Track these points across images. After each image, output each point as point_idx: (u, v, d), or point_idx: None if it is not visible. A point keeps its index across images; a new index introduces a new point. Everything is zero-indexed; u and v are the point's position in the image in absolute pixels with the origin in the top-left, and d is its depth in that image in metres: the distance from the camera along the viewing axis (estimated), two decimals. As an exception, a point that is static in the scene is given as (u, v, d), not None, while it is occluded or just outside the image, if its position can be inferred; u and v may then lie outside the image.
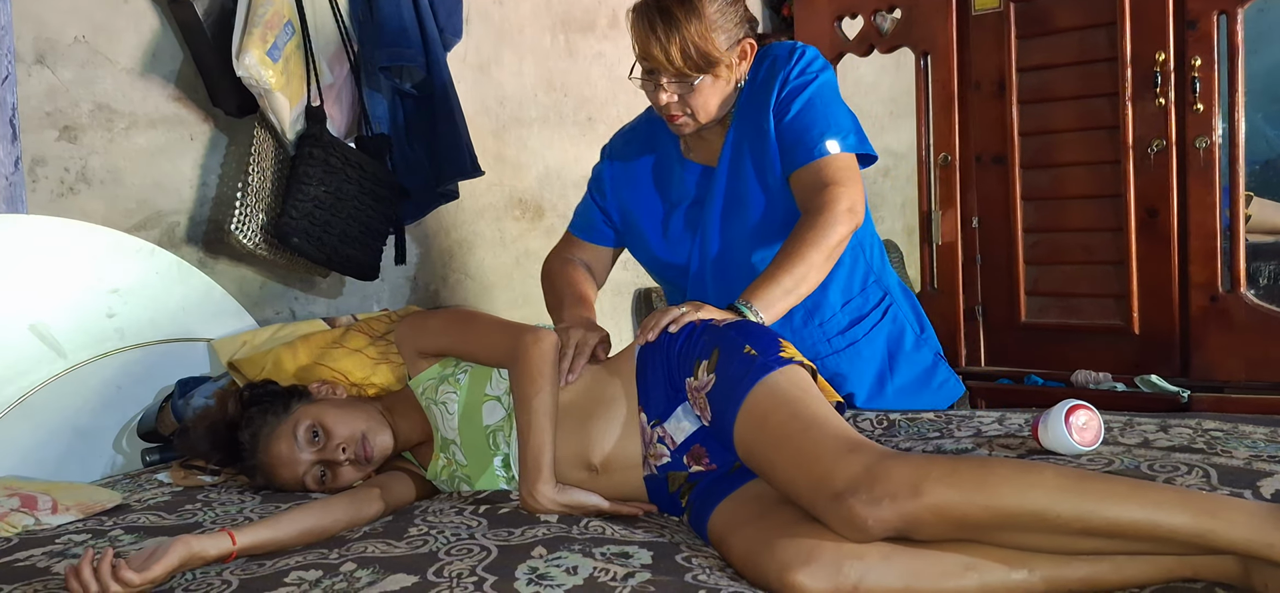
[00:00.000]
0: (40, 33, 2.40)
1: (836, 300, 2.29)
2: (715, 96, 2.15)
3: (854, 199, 2.07)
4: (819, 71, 2.19)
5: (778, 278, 1.98)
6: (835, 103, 2.18)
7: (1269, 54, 3.77)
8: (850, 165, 2.13)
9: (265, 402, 1.93)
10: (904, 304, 2.40)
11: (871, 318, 2.32)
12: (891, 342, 2.33)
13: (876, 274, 2.35)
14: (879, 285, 2.35)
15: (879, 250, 2.40)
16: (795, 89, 2.16)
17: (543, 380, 1.79)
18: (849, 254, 2.25)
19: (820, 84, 2.17)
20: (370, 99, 2.85)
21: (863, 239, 2.29)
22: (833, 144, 2.11)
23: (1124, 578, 1.37)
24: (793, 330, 2.26)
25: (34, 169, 2.39)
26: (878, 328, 2.32)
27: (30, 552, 1.63)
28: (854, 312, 2.31)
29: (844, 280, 2.29)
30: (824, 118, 2.13)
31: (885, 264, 2.41)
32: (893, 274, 2.44)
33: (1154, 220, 3.43)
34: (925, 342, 2.39)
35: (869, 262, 2.34)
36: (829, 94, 2.18)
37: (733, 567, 1.50)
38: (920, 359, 2.36)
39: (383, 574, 1.42)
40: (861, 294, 2.32)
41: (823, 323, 2.29)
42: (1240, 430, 1.82)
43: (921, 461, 1.41)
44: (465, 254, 3.38)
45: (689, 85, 2.11)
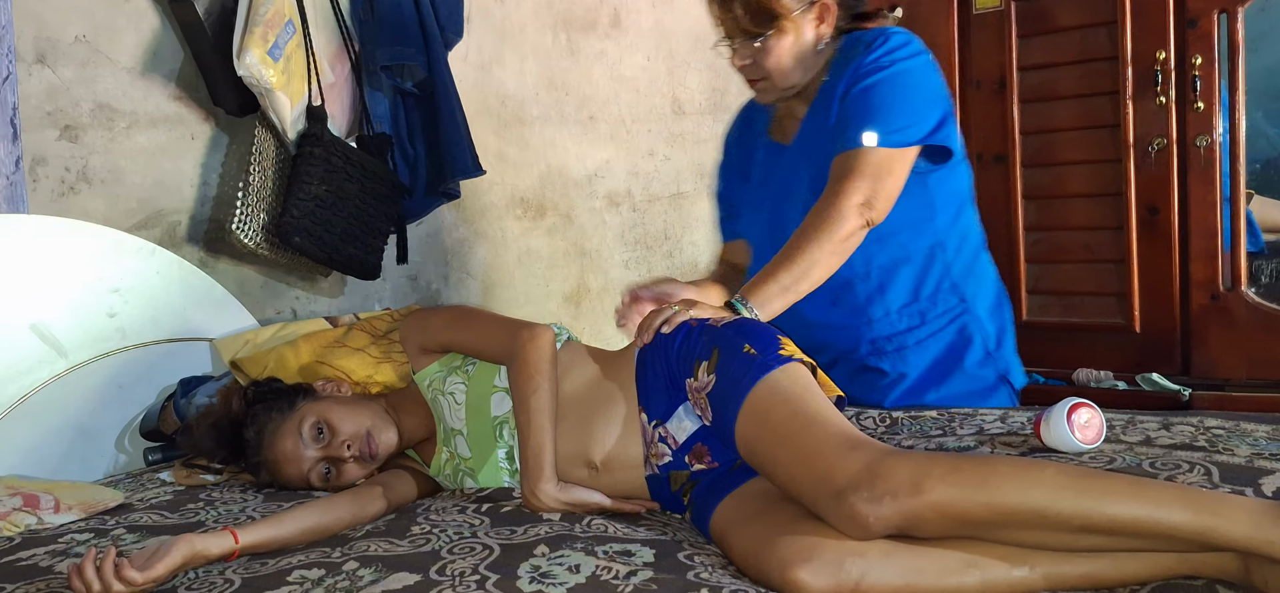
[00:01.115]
0: (41, 32, 2.40)
1: (892, 304, 2.21)
2: (788, 55, 2.09)
3: (871, 194, 1.99)
4: (898, 59, 2.08)
5: (776, 275, 1.95)
6: (901, 95, 2.07)
7: (1270, 52, 3.76)
8: (883, 161, 2.03)
9: (270, 399, 1.93)
10: (983, 317, 2.26)
11: (930, 325, 2.22)
12: (950, 352, 2.23)
13: (954, 280, 2.23)
14: (955, 292, 2.23)
15: (970, 254, 2.27)
16: (863, 74, 2.07)
17: (541, 378, 1.79)
18: (922, 255, 2.19)
19: (893, 74, 2.07)
20: (371, 98, 2.85)
21: (945, 241, 2.20)
22: (870, 137, 2.02)
23: (1125, 575, 1.37)
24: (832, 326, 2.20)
25: (35, 169, 2.39)
26: (936, 336, 2.22)
27: (32, 551, 1.63)
28: (912, 318, 2.22)
29: (907, 284, 2.20)
30: (877, 109, 2.04)
31: (974, 271, 2.27)
32: (982, 280, 2.29)
33: (1155, 219, 3.43)
34: (992, 361, 2.26)
35: (948, 266, 2.22)
36: (899, 84, 2.07)
37: (735, 564, 1.50)
38: (980, 377, 2.24)
39: (385, 573, 1.42)
40: (929, 299, 2.22)
41: (872, 321, 2.22)
42: (1242, 428, 1.82)
43: (923, 458, 1.41)
44: (467, 253, 3.38)
45: (760, 45, 2.08)
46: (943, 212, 2.22)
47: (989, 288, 2.30)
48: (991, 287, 2.31)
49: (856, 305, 2.20)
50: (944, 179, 2.20)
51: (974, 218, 2.30)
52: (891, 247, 2.18)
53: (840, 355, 2.27)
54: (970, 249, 2.28)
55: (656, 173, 4.01)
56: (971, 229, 2.29)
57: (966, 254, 2.26)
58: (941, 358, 2.23)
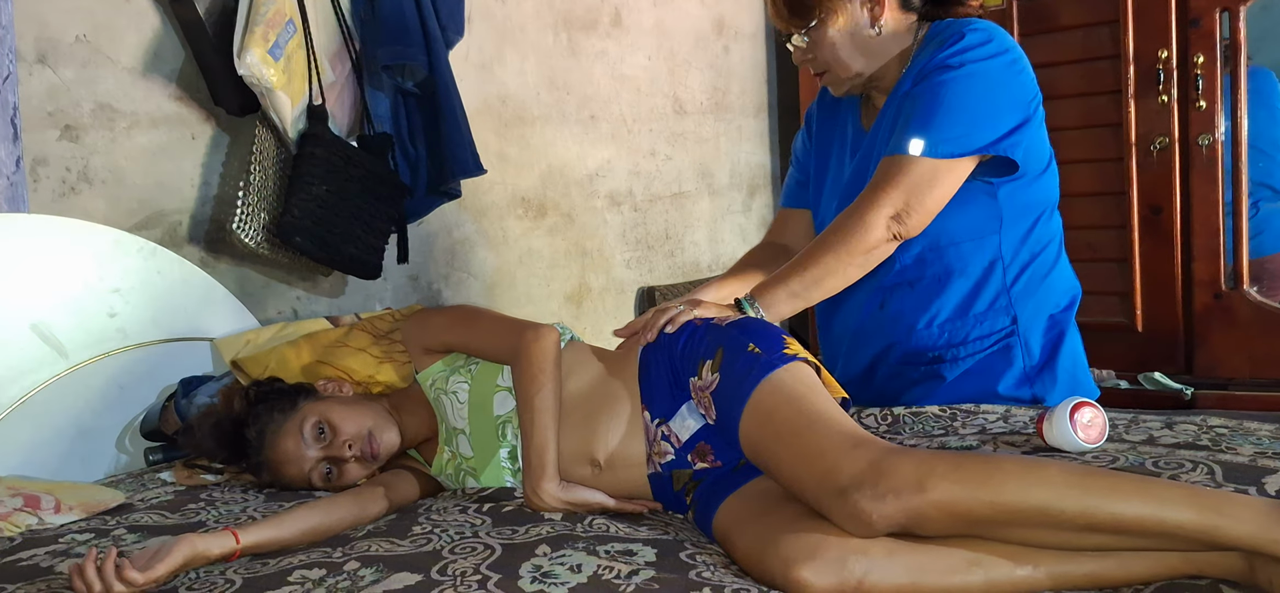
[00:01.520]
0: (42, 32, 2.40)
1: (938, 317, 2.09)
2: (844, 46, 2.02)
3: (904, 206, 1.90)
4: (975, 59, 1.95)
5: (787, 279, 1.93)
6: (962, 100, 1.93)
7: (1271, 51, 3.77)
8: (926, 173, 1.91)
9: (272, 399, 1.93)
10: (1034, 337, 2.11)
11: (972, 347, 2.09)
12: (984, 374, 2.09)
13: (1011, 298, 2.08)
14: (1007, 312, 2.08)
15: (1038, 270, 2.11)
16: (934, 70, 1.95)
17: (544, 377, 1.79)
18: (980, 268, 2.06)
19: (964, 74, 1.94)
20: (372, 97, 2.85)
21: (1008, 257, 2.06)
22: (916, 144, 1.90)
23: (1129, 574, 1.36)
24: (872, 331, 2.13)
25: (35, 169, 2.39)
26: (975, 359, 2.09)
27: (33, 551, 1.63)
28: (954, 334, 2.10)
29: (958, 300, 2.08)
30: (930, 113, 1.92)
31: (1039, 288, 2.11)
32: (1046, 300, 2.12)
33: (1157, 218, 3.43)
34: (1031, 381, 2.10)
35: (1007, 284, 2.08)
36: (965, 86, 1.94)
37: (737, 564, 1.50)
38: (1012, 399, 2.09)
39: (386, 573, 1.41)
40: (977, 318, 2.09)
41: (913, 330, 2.10)
42: (1245, 427, 1.82)
43: (926, 456, 1.41)
44: (468, 253, 3.37)
45: (812, 38, 2.03)
46: (1012, 226, 2.07)
47: (1051, 309, 2.13)
48: (1055, 307, 2.14)
49: (901, 312, 2.11)
50: (1017, 191, 2.05)
51: (1051, 230, 2.13)
52: (948, 257, 2.07)
53: (880, 366, 2.17)
54: (1040, 266, 2.11)
55: (658, 172, 4.01)
56: (1046, 244, 2.12)
57: (1034, 273, 2.10)
58: (977, 378, 2.10)
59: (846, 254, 1.91)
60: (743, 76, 4.30)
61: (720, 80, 4.22)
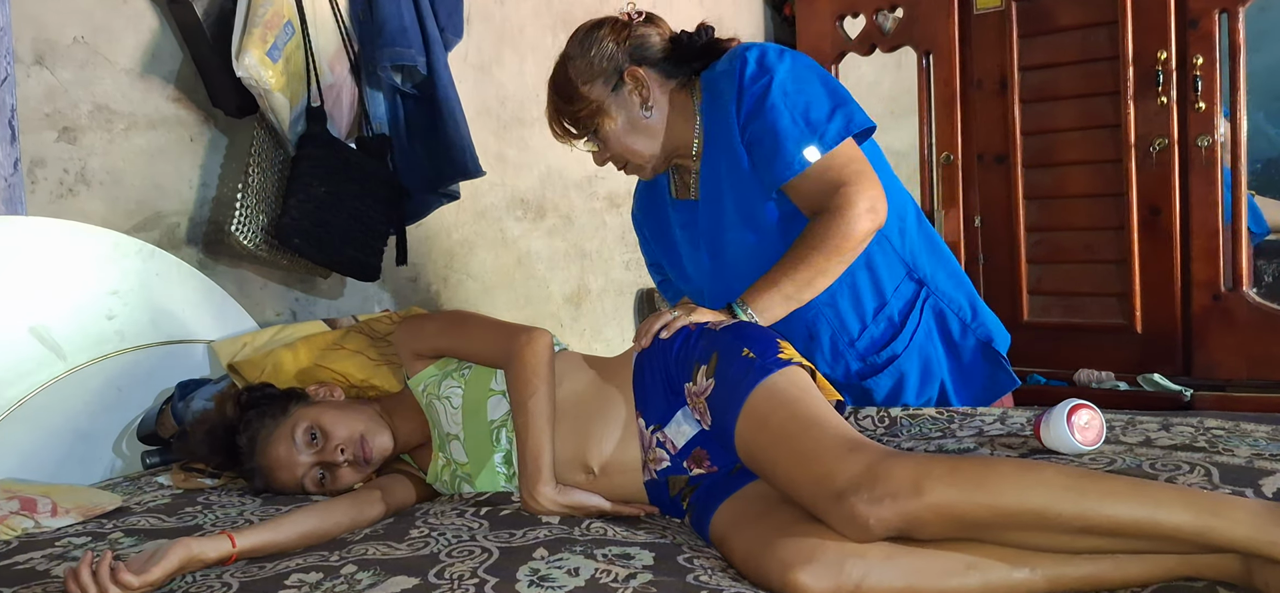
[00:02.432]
0: (39, 33, 2.39)
1: (866, 312, 2.15)
2: (629, 137, 2.09)
3: (872, 197, 1.94)
4: (772, 68, 2.00)
5: (778, 282, 1.93)
6: (804, 95, 1.99)
7: (1270, 52, 3.77)
8: (851, 157, 1.98)
9: (263, 405, 1.92)
10: (946, 288, 2.20)
11: (909, 322, 2.16)
12: (933, 340, 2.18)
13: (909, 264, 2.17)
14: (912, 278, 2.17)
15: (914, 230, 2.19)
16: (753, 99, 2.00)
17: (538, 381, 1.79)
18: (874, 252, 2.11)
19: (778, 82, 1.99)
20: (371, 99, 2.85)
21: (888, 229, 2.11)
22: (812, 152, 1.96)
23: (1125, 577, 1.36)
24: (824, 361, 2.17)
25: (33, 170, 2.38)
26: (918, 331, 2.16)
27: (30, 555, 1.62)
28: (887, 319, 2.16)
29: (871, 287, 2.15)
30: (794, 123, 1.97)
31: (922, 245, 2.20)
32: (934, 251, 2.22)
33: (1156, 219, 3.43)
34: (974, 330, 2.20)
35: (899, 252, 2.16)
36: (795, 86, 2.00)
37: (734, 567, 1.50)
38: (965, 347, 2.20)
39: (383, 576, 1.41)
40: (894, 294, 2.16)
41: (852, 341, 2.16)
42: (1242, 429, 1.82)
43: (923, 460, 1.41)
44: (467, 254, 3.37)
45: (600, 142, 2.10)
46: None
47: (941, 258, 2.23)
48: (942, 255, 2.24)
49: (835, 330, 2.16)
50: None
51: (900, 189, 2.18)
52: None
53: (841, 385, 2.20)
54: (911, 225, 2.19)
55: (657, 174, 4.01)
56: (904, 204, 2.19)
57: (910, 232, 2.18)
58: (931, 351, 2.18)
59: (836, 252, 1.93)
60: (742, 78, 4.29)
61: (719, 81, 4.22)
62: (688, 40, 2.12)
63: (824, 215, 1.95)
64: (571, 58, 2.09)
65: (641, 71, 2.07)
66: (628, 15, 2.12)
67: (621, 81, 2.07)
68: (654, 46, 2.10)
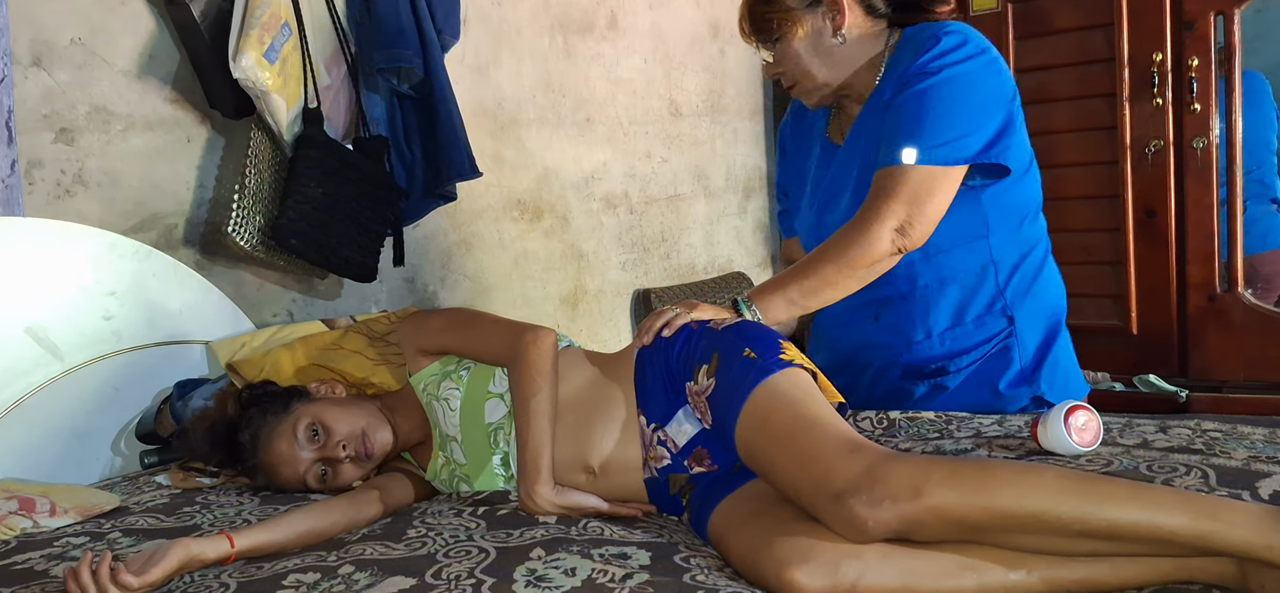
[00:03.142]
0: (37, 34, 2.39)
1: (935, 328, 2.08)
2: (811, 58, 2.03)
3: (907, 218, 1.88)
4: (954, 62, 1.94)
5: (786, 286, 1.91)
6: (950, 103, 1.92)
7: (1266, 54, 3.78)
8: (923, 182, 1.89)
9: (265, 402, 1.92)
10: (1029, 337, 2.09)
11: (975, 353, 2.08)
12: (985, 376, 2.09)
13: (1006, 302, 2.07)
14: (1004, 315, 2.07)
15: (1029, 272, 2.10)
16: (914, 78, 1.94)
17: (542, 380, 1.79)
18: (973, 277, 2.05)
19: (945, 79, 1.92)
20: (368, 100, 2.85)
21: (1000, 260, 2.05)
22: (909, 153, 1.89)
23: (1122, 579, 1.36)
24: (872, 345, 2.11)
25: (30, 171, 2.38)
26: (975, 364, 2.08)
27: (28, 555, 1.62)
28: (954, 343, 2.09)
29: (952, 308, 2.07)
30: (919, 122, 1.90)
31: (1032, 290, 2.09)
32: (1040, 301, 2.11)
33: (1152, 221, 3.44)
34: (1027, 380, 2.09)
35: (1001, 288, 2.07)
36: (948, 91, 1.92)
37: (731, 566, 1.50)
38: (1014, 399, 2.09)
39: (381, 576, 1.41)
40: (975, 323, 2.08)
41: (912, 344, 2.10)
42: (1239, 431, 1.82)
43: (922, 462, 1.41)
44: (464, 255, 3.37)
45: (779, 52, 2.04)
46: (999, 228, 2.06)
47: (1044, 307, 2.13)
48: (1047, 305, 2.13)
49: (897, 325, 2.11)
50: (1002, 192, 2.04)
51: (1037, 230, 2.12)
52: (938, 265, 2.06)
53: (881, 378, 2.17)
54: (1031, 266, 2.10)
55: (653, 175, 4.01)
56: (1034, 244, 2.12)
57: (1026, 272, 2.09)
58: (976, 384, 2.10)
59: (848, 267, 1.90)
60: (738, 79, 4.30)
61: (716, 83, 4.23)
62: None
63: (851, 223, 1.92)
64: None
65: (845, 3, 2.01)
66: None
67: (817, 4, 2.01)
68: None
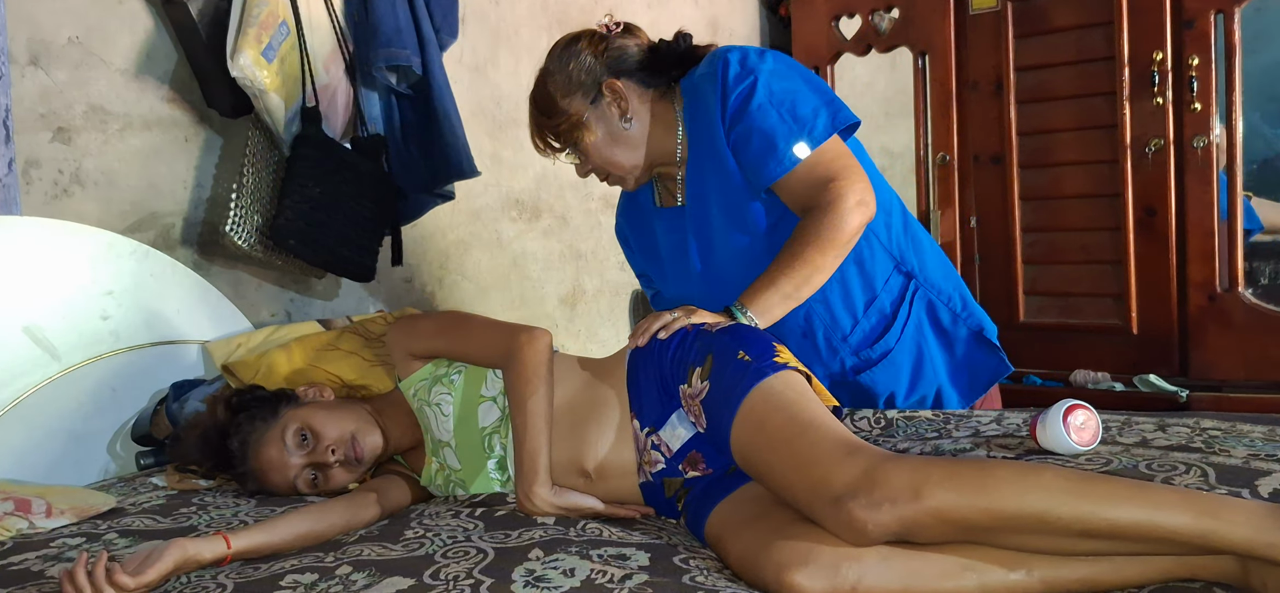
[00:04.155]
0: (34, 34, 2.39)
1: (857, 307, 2.15)
2: (611, 149, 2.09)
3: (862, 190, 1.94)
4: (755, 68, 2.00)
5: (777, 282, 1.92)
6: (789, 92, 1.99)
7: (1266, 53, 3.77)
8: (838, 153, 1.98)
9: (253, 407, 1.91)
10: (936, 280, 2.20)
11: (899, 315, 2.16)
12: (924, 331, 2.18)
13: (897, 257, 2.16)
14: (900, 271, 2.17)
15: (899, 225, 2.19)
16: (738, 100, 1.99)
17: (538, 381, 1.79)
18: (862, 248, 2.11)
19: (764, 83, 1.99)
20: (366, 100, 2.84)
21: (874, 225, 2.11)
22: (801, 148, 1.96)
23: (1122, 579, 1.36)
24: (816, 355, 2.16)
25: (28, 171, 2.38)
26: (908, 324, 2.16)
27: (24, 556, 1.62)
28: (879, 313, 2.15)
29: (861, 281, 2.14)
30: (782, 120, 1.97)
31: (909, 238, 2.19)
32: (920, 245, 2.22)
33: (1152, 219, 3.43)
34: (964, 319, 2.20)
35: (887, 247, 2.16)
36: (779, 84, 2.00)
37: (730, 568, 1.50)
38: (957, 337, 2.20)
39: (378, 577, 1.41)
40: (884, 288, 2.15)
41: (845, 336, 2.15)
42: (1238, 429, 1.82)
43: (921, 463, 1.40)
44: (462, 255, 3.37)
45: (581, 154, 2.10)
46: None
47: (927, 250, 2.22)
48: (929, 248, 2.23)
49: (827, 327, 2.16)
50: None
51: (884, 185, 2.19)
52: None
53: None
54: (897, 220, 2.19)
55: (653, 174, 4.00)
56: (889, 199, 2.19)
57: (896, 227, 2.18)
58: (922, 339, 2.18)
59: (830, 247, 1.92)
60: (737, 78, 4.29)
61: (715, 82, 4.22)
62: (666, 48, 2.12)
63: (815, 211, 1.95)
64: (550, 73, 2.10)
65: (620, 83, 2.06)
66: (605, 27, 2.12)
67: (600, 94, 2.06)
68: (632, 57, 2.09)
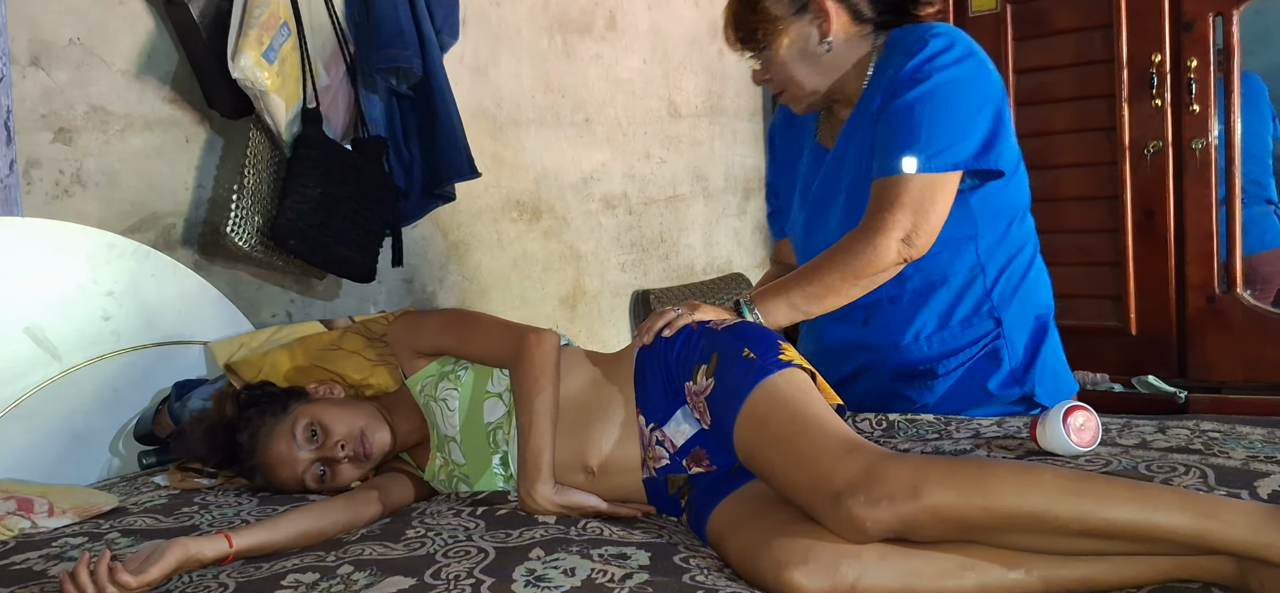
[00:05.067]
0: (35, 34, 2.39)
1: (923, 330, 2.08)
2: (798, 65, 2.01)
3: (912, 228, 1.89)
4: (943, 67, 1.93)
5: (788, 292, 1.91)
6: (945, 108, 1.92)
7: (1265, 55, 3.78)
8: (925, 189, 1.90)
9: (263, 403, 1.92)
10: (1018, 338, 2.10)
11: (964, 354, 2.08)
12: (975, 377, 2.09)
13: (993, 304, 2.08)
14: (991, 317, 2.08)
15: (1016, 274, 2.10)
16: (904, 84, 1.93)
17: (546, 380, 1.79)
18: (960, 280, 2.05)
19: (935, 84, 1.92)
20: (366, 101, 2.85)
21: (986, 263, 2.05)
22: (909, 162, 1.89)
23: (1121, 579, 1.36)
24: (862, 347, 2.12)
25: (29, 171, 2.38)
26: (964, 365, 2.08)
27: (27, 555, 1.62)
28: (942, 345, 2.09)
29: (940, 311, 2.07)
30: (915, 129, 1.90)
31: (1019, 292, 2.10)
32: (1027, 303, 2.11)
33: (1151, 221, 3.44)
34: (1017, 381, 2.09)
35: (988, 290, 2.07)
36: (941, 97, 1.92)
37: (731, 567, 1.50)
38: (1004, 398, 2.09)
39: (380, 576, 1.41)
40: (962, 324, 2.08)
41: (899, 347, 2.10)
42: (1237, 431, 1.82)
43: (920, 462, 1.41)
44: (462, 256, 3.37)
45: (766, 60, 2.03)
46: (987, 232, 2.06)
47: (1031, 308, 2.13)
48: (1034, 306, 2.13)
49: (886, 328, 2.11)
50: (990, 195, 2.04)
51: (1025, 231, 2.13)
52: (927, 269, 2.05)
53: (868, 376, 2.17)
54: (1018, 267, 2.11)
55: (652, 176, 4.01)
56: (1022, 245, 2.12)
57: (1013, 274, 2.10)
58: (967, 384, 2.10)
59: (853, 276, 1.90)
60: (737, 79, 4.30)
61: (715, 83, 4.23)
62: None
63: (856, 234, 1.92)
64: None
65: (831, 4, 1.99)
66: None
67: (807, 7, 1.99)
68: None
